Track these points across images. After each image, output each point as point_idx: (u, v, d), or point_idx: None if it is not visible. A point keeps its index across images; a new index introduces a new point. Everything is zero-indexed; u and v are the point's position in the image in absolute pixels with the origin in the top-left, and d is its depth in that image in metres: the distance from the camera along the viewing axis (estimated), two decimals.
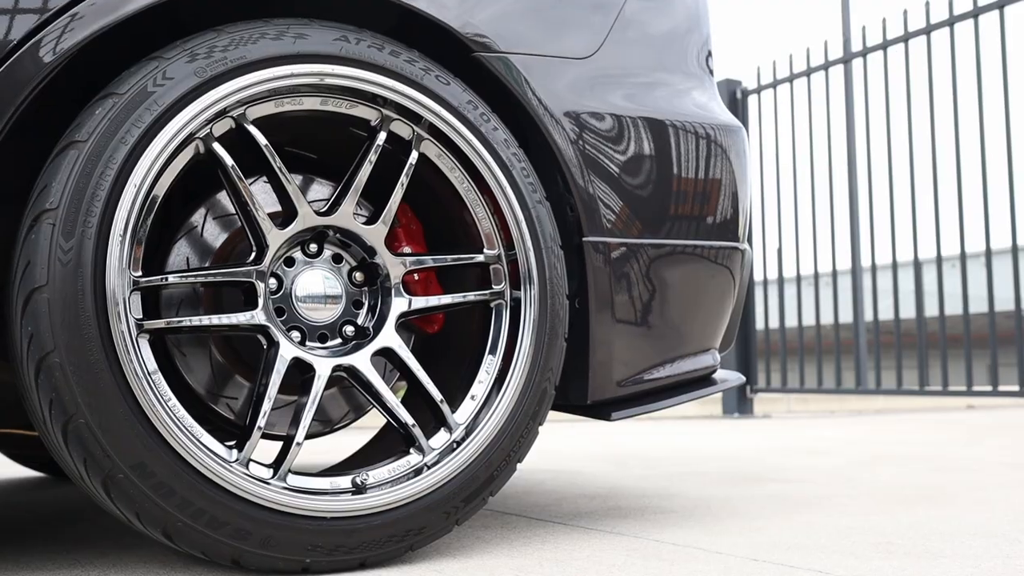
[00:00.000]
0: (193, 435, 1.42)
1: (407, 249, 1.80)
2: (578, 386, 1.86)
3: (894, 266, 5.93)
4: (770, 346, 6.89)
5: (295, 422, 1.54)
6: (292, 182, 1.58)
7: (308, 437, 1.86)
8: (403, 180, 1.66)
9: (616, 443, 4.49)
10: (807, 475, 2.96)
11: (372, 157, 1.63)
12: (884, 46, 6.05)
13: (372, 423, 2.29)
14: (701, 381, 2.08)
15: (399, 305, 1.67)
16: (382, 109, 1.65)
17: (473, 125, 1.69)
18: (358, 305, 1.70)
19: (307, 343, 1.63)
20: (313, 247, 1.67)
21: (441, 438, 1.65)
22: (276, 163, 1.56)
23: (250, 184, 1.69)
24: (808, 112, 6.52)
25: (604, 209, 1.85)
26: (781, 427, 5.68)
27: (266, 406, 1.50)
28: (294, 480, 1.52)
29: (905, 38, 5.90)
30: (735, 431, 5.29)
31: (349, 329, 1.68)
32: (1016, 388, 5.36)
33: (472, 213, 1.73)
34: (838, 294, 6.36)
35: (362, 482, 1.56)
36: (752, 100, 7.01)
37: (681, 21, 2.04)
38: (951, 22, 5.66)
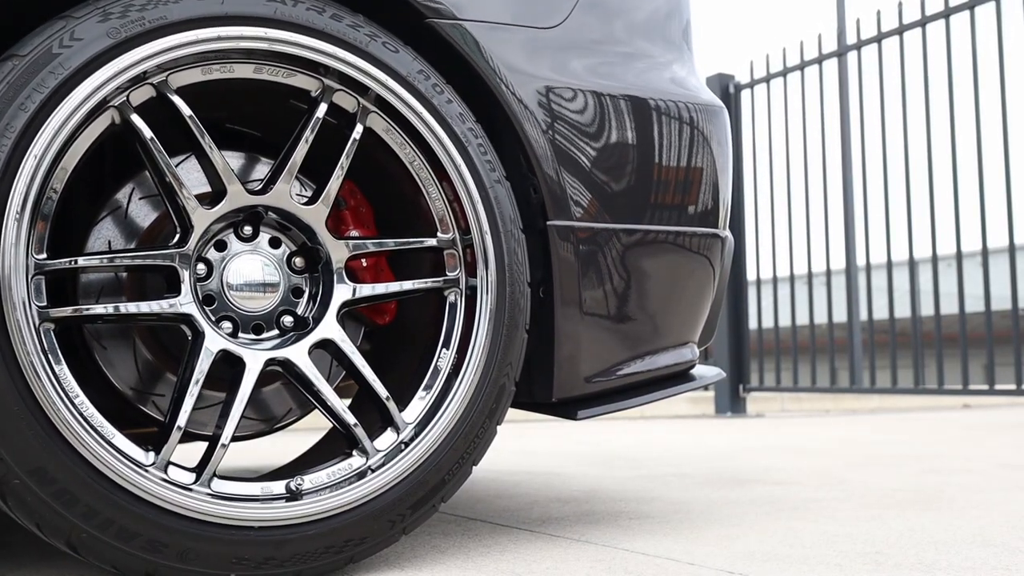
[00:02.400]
0: (102, 436, 1.28)
1: (355, 233, 1.66)
2: (543, 382, 1.71)
3: (888, 265, 5.80)
4: (763, 345, 6.75)
5: (222, 421, 1.39)
6: (221, 157, 1.43)
7: (249, 437, 1.72)
8: (346, 157, 1.51)
9: (603, 442, 4.35)
10: (796, 476, 2.82)
11: (310, 131, 1.48)
12: (879, 39, 5.92)
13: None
14: (678, 377, 1.93)
15: (342, 293, 1.53)
16: (323, 79, 1.50)
17: (424, 97, 1.55)
18: (298, 293, 1.56)
19: (240, 335, 1.49)
20: (248, 230, 1.52)
21: (387, 439, 1.50)
22: (201, 136, 1.41)
23: (179, 163, 1.56)
24: (802, 107, 6.38)
25: (571, 191, 1.70)
26: (774, 426, 5.54)
27: (188, 403, 1.35)
28: (220, 485, 1.37)
29: (900, 31, 5.77)
30: (727, 431, 5.15)
31: (288, 320, 1.53)
32: (1013, 387, 5.23)
33: (425, 194, 1.59)
34: (832, 293, 6.23)
35: (297, 487, 1.42)
36: (745, 95, 6.87)
37: None
38: (947, 14, 5.53)
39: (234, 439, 1.65)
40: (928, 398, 7.97)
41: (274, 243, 1.55)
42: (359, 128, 1.52)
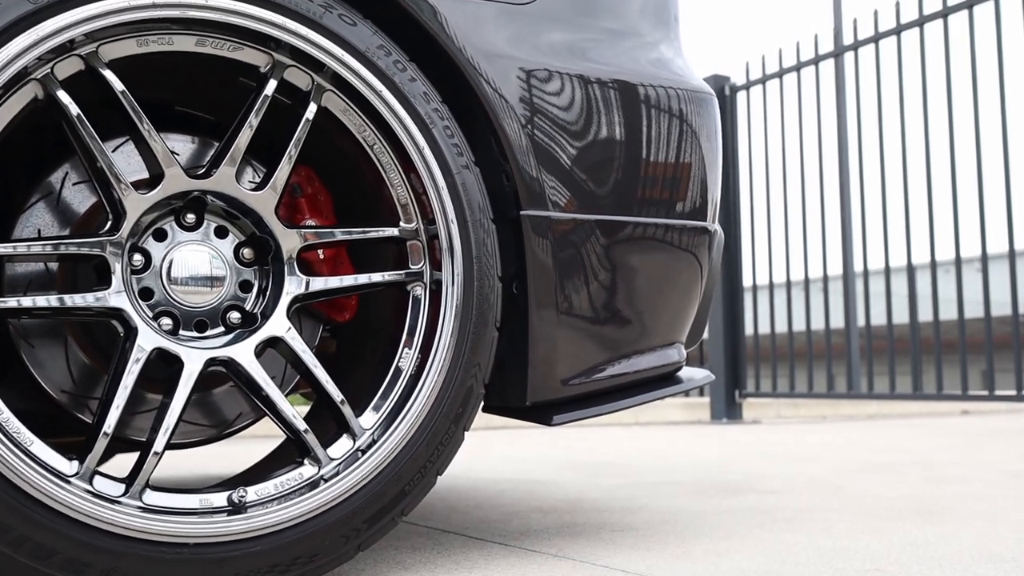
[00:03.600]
0: (17, 443, 1.15)
1: (311, 223, 1.53)
2: (516, 385, 1.59)
3: (887, 270, 5.68)
4: (759, 351, 6.63)
5: (156, 426, 1.27)
6: (159, 138, 1.31)
7: (196, 443, 1.59)
8: (297, 139, 1.39)
9: (592, 449, 4.22)
10: (791, 484, 2.69)
11: (258, 110, 1.36)
12: (876, 39, 5.81)
13: None
14: (664, 380, 1.81)
15: (293, 286, 1.40)
16: (274, 53, 1.38)
17: (384, 74, 1.42)
18: (247, 287, 1.43)
19: (180, 332, 1.36)
20: (191, 218, 1.39)
21: (342, 446, 1.38)
22: (135, 114, 1.28)
23: (118, 146, 1.43)
24: (798, 109, 6.26)
25: (546, 179, 1.58)
26: (770, 432, 5.41)
27: (116, 406, 1.23)
28: (153, 498, 1.24)
29: (898, 30, 5.66)
30: (722, 437, 5.03)
31: (235, 316, 1.40)
32: (1013, 392, 5.11)
33: (387, 180, 1.46)
34: (829, 297, 6.10)
35: (240, 499, 1.29)
36: (740, 96, 6.75)
37: None
38: (945, 13, 5.42)
39: (176, 446, 1.54)
40: (926, 404, 7.86)
41: (220, 233, 1.42)
42: (312, 108, 1.40)
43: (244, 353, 1.34)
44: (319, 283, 1.42)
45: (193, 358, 1.30)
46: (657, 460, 3.64)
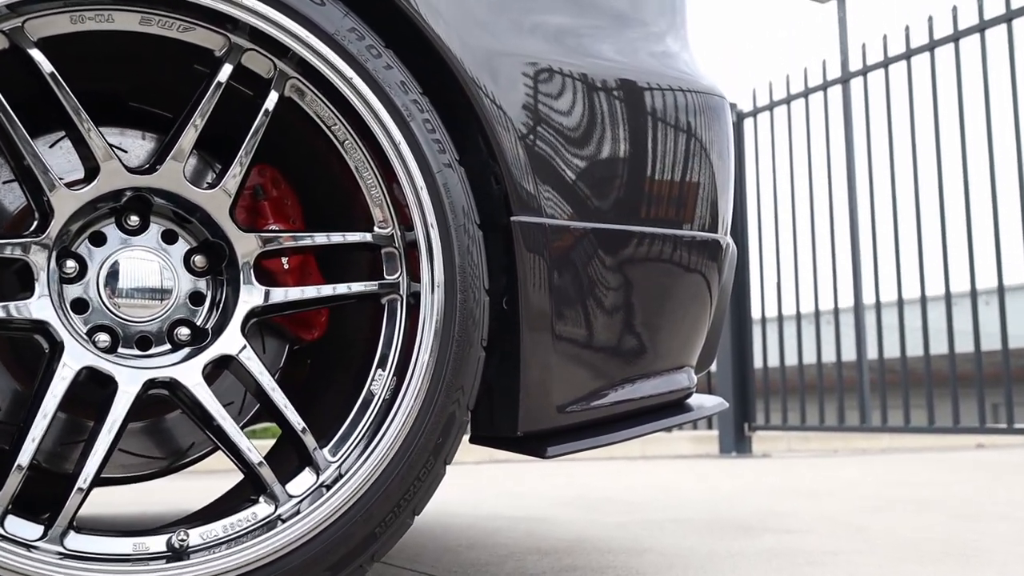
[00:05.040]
0: None
1: (274, 228, 1.37)
2: (506, 412, 1.41)
3: (899, 301, 5.49)
4: (769, 384, 6.43)
5: (83, 459, 1.09)
6: (95, 129, 1.15)
7: (140, 478, 1.42)
8: (254, 133, 1.22)
9: (597, 484, 4.03)
10: (809, 523, 2.50)
11: (210, 98, 1.20)
12: (885, 64, 5.69)
13: None
14: (672, 407, 1.63)
15: (249, 298, 1.23)
16: (230, 35, 1.22)
17: (356, 60, 1.26)
18: (198, 299, 1.26)
19: (119, 349, 1.19)
20: (134, 220, 1.23)
21: (304, 482, 1.20)
22: (65, 98, 1.12)
23: (56, 142, 1.27)
24: (807, 135, 6.12)
25: (541, 181, 1.41)
26: (781, 467, 5.21)
27: (35, 434, 1.05)
28: (77, 542, 1.07)
29: (907, 55, 5.54)
30: (731, 471, 4.82)
31: (183, 331, 1.23)
32: None
33: (359, 180, 1.30)
34: (840, 329, 5.92)
35: (181, 544, 1.11)
36: (748, 123, 6.61)
37: None
38: (956, 37, 5.30)
39: (120, 480, 1.36)
40: (940, 438, 7.65)
41: (169, 237, 1.25)
42: (273, 97, 1.24)
43: (190, 374, 1.17)
44: (279, 294, 1.24)
45: (128, 379, 1.13)
46: (664, 495, 3.45)
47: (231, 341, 1.20)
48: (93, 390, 1.13)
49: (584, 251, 1.45)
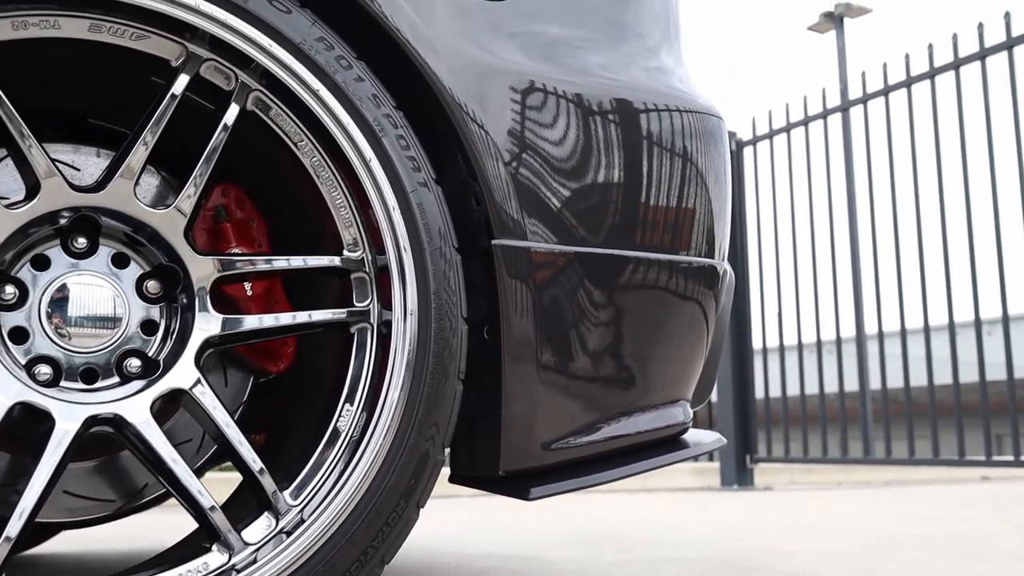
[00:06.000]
0: None
1: (236, 251, 1.27)
2: (487, 449, 1.31)
3: (903, 332, 5.40)
4: (771, 415, 6.31)
5: (12, 502, 0.99)
6: (29, 135, 1.05)
7: (97, 521, 1.31)
8: (212, 148, 1.14)
9: (594, 518, 3.91)
10: (815, 563, 2.39)
11: (163, 112, 1.11)
12: (885, 92, 5.63)
13: None
14: (667, 443, 1.53)
15: (205, 326, 1.13)
16: (188, 44, 1.14)
17: (324, 72, 1.18)
18: (151, 328, 1.17)
19: (63, 383, 1.10)
20: (81, 242, 1.14)
21: (261, 528, 1.10)
22: (4, 112, 1.03)
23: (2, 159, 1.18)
24: (807, 164, 6.05)
25: (525, 203, 1.32)
26: (784, 501, 5.08)
27: None
28: None
29: (908, 83, 5.48)
30: (733, 505, 4.70)
31: (134, 363, 1.14)
32: None
33: (327, 200, 1.21)
34: (842, 359, 5.81)
35: None
36: (748, 151, 6.54)
37: None
38: (956, 65, 5.24)
39: (67, 525, 1.26)
40: (944, 470, 7.52)
41: (120, 261, 1.16)
42: (233, 110, 1.15)
43: (136, 410, 1.07)
44: (237, 323, 1.15)
45: (67, 415, 1.03)
46: (663, 532, 3.33)
47: (183, 374, 1.10)
48: (30, 427, 1.03)
49: (571, 277, 1.35)
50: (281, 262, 1.17)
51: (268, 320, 1.16)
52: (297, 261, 1.17)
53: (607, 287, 1.39)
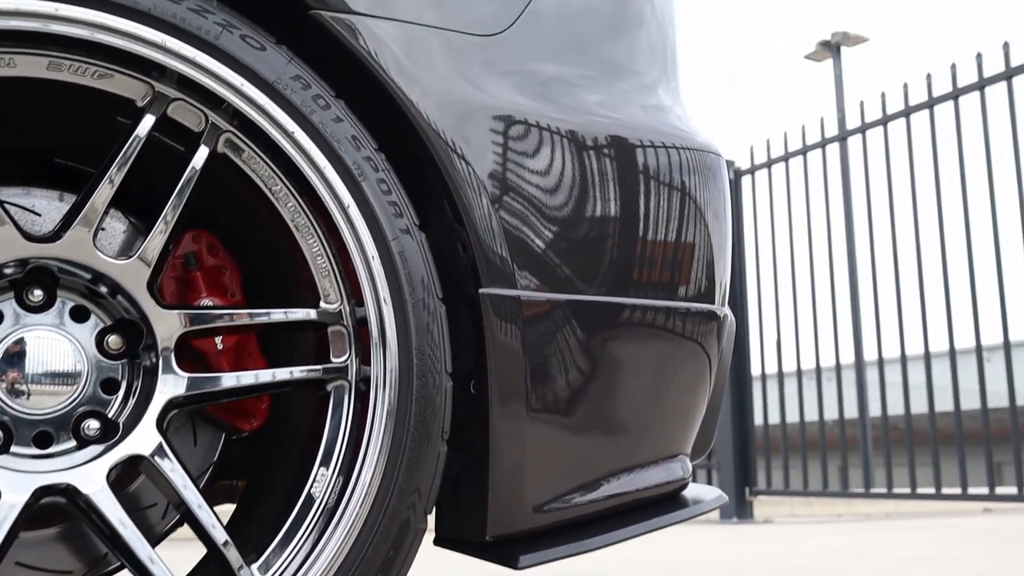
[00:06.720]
0: None
1: (206, 302, 1.20)
2: (473, 513, 1.23)
3: (903, 359, 5.33)
4: (770, 442, 6.22)
5: None
6: None
7: None
8: (180, 193, 1.06)
9: (592, 556, 3.80)
10: None
11: (125, 155, 1.04)
12: (884, 121, 5.59)
13: None
14: (666, 501, 1.45)
15: (168, 387, 1.05)
16: (155, 83, 1.06)
17: (300, 112, 1.11)
18: (111, 387, 1.09)
19: (13, 447, 1.01)
20: (37, 295, 1.06)
21: None
22: None
23: None
24: (805, 192, 6.00)
25: (515, 249, 1.25)
26: (784, 535, 4.98)
27: None
28: None
29: (906, 112, 5.44)
30: (732, 540, 4.60)
31: (92, 425, 1.06)
32: None
33: (303, 248, 1.13)
34: (842, 386, 5.74)
35: None
36: (746, 180, 6.50)
37: None
38: (955, 95, 5.21)
39: None
40: (947, 503, 7.42)
41: (79, 315, 1.08)
42: (202, 153, 1.08)
43: (91, 479, 0.99)
44: (203, 383, 1.07)
45: (15, 486, 0.95)
46: (659, 571, 3.23)
47: (143, 439, 1.02)
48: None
49: (564, 327, 1.27)
50: (258, 316, 1.09)
51: (232, 380, 1.08)
52: (278, 315, 1.09)
53: (602, 337, 1.31)
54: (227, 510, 1.37)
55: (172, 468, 1.01)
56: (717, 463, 6.44)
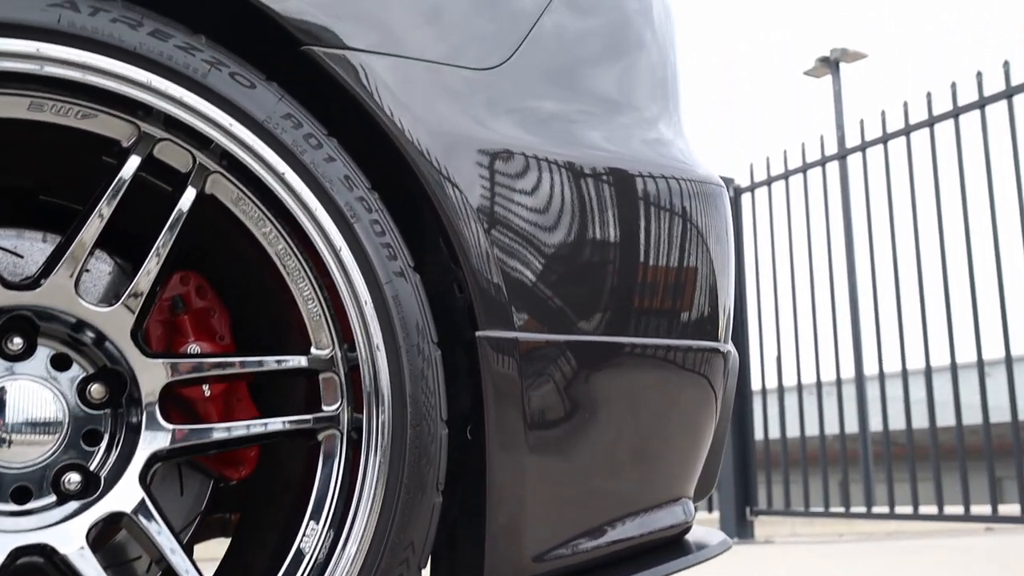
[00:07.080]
0: None
1: (196, 349, 1.16)
2: (470, 563, 1.19)
3: (904, 373, 5.30)
4: (770, 457, 6.18)
5: None
6: None
7: None
8: (166, 236, 1.02)
9: None
10: None
11: (109, 198, 1.00)
12: (884, 140, 5.58)
13: None
14: (668, 547, 1.40)
15: (152, 439, 1.01)
16: (141, 123, 1.03)
17: (290, 152, 1.07)
18: (94, 439, 1.05)
19: None
20: (17, 342, 1.02)
21: None
22: None
23: None
24: (805, 210, 5.98)
25: (513, 289, 1.21)
26: (786, 556, 4.93)
27: None
28: None
29: (906, 131, 5.43)
30: (733, 561, 4.54)
31: (73, 479, 1.01)
32: None
33: (294, 292, 1.10)
34: (843, 401, 5.70)
35: None
36: (746, 198, 6.48)
37: (637, 15, 1.43)
38: (956, 113, 5.20)
39: None
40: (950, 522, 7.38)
41: (60, 363, 1.04)
42: (189, 195, 1.04)
43: (70, 538, 0.95)
44: (188, 436, 1.03)
45: None
46: None
47: (125, 495, 0.98)
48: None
49: (563, 369, 1.24)
50: (250, 365, 1.05)
51: (223, 432, 1.04)
52: (271, 363, 1.05)
53: (602, 379, 1.28)
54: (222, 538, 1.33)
55: (159, 531, 0.97)
56: (717, 482, 6.40)
